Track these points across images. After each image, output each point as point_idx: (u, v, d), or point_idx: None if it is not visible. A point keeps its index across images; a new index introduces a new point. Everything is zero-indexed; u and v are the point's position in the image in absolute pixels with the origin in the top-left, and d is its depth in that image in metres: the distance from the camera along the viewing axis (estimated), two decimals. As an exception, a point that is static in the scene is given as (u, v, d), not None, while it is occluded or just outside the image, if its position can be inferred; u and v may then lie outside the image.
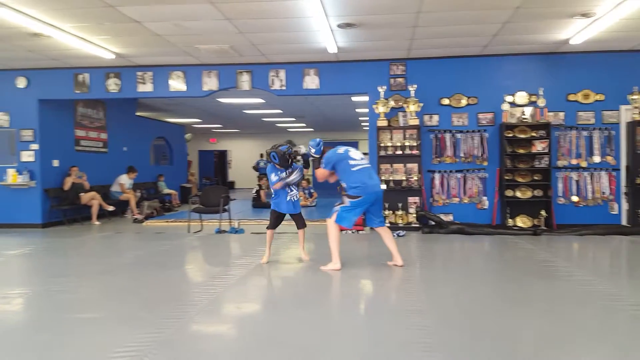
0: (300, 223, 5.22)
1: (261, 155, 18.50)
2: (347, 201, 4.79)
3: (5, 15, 5.48)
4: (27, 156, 8.45)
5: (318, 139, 5.02)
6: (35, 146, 8.44)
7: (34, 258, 5.97)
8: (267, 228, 5.21)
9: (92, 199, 9.07)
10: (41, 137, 8.47)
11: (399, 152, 7.57)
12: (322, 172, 4.91)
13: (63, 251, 6.47)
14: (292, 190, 5.12)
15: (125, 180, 10.02)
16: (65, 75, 8.31)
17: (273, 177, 5.03)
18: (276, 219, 5.17)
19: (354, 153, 4.88)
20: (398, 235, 6.84)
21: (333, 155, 4.84)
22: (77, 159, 9.29)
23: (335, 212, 4.82)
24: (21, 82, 8.38)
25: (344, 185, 4.87)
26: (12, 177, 8.33)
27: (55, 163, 8.83)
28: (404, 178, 7.60)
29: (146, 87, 8.20)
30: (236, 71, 7.99)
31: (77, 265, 5.42)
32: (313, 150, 4.98)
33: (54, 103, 8.69)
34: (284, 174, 5.02)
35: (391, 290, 4.33)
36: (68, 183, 8.80)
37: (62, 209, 8.69)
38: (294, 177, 5.03)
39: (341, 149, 4.90)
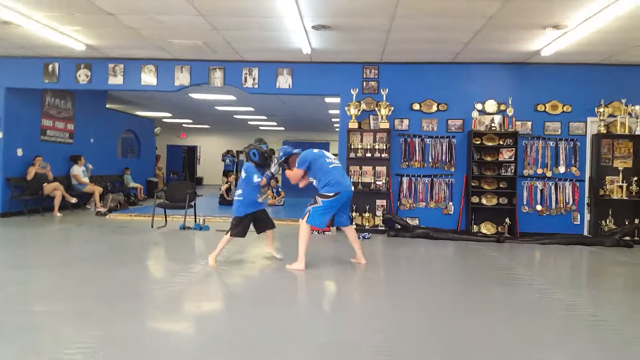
0: (269, 223, 5.08)
1: (227, 152, 18.34)
2: (319, 201, 4.78)
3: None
4: (-10, 144, 8.19)
5: (286, 147, 5.16)
6: (-1, 134, 8.19)
7: (-10, 249, 5.78)
8: (231, 235, 4.84)
9: (55, 190, 8.85)
10: (5, 125, 8.23)
11: (369, 154, 7.64)
12: (296, 172, 4.93)
13: (20, 242, 6.28)
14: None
15: (77, 170, 9.79)
16: (35, 65, 8.11)
17: (256, 178, 4.79)
18: (244, 225, 4.86)
19: (328, 153, 5.04)
20: (364, 238, 6.89)
21: (309, 155, 4.93)
22: (42, 149, 9.06)
23: (307, 212, 4.82)
24: (-12, 70, 8.14)
25: (315, 184, 4.91)
26: (-28, 165, 8.06)
27: (19, 152, 8.59)
28: (372, 181, 7.67)
29: (117, 80, 8.05)
30: (209, 67, 7.93)
31: (33, 257, 5.27)
32: (280, 154, 5.04)
33: (21, 92, 8.46)
34: (268, 172, 4.95)
35: (353, 292, 4.36)
36: (31, 173, 8.57)
37: (24, 199, 8.44)
38: (275, 168, 5.01)
39: (315, 150, 5.04)
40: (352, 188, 5.01)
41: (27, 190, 8.53)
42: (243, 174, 4.90)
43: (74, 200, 9.20)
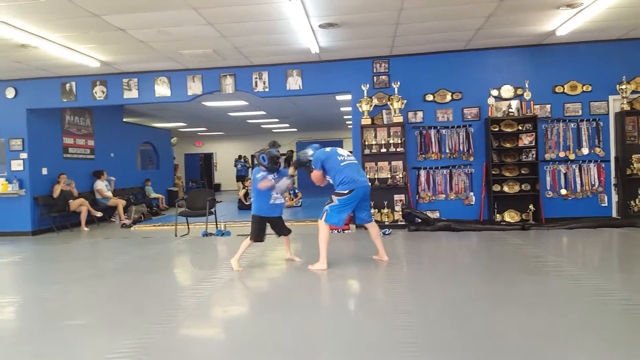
0: (284, 229, 5.10)
1: (239, 157, 18.44)
2: (335, 200, 4.80)
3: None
4: (17, 165, 8.45)
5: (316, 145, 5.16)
6: (24, 155, 8.45)
7: (25, 265, 5.96)
8: (250, 239, 4.94)
9: (81, 206, 9.06)
10: (30, 146, 8.48)
11: (384, 150, 7.60)
12: (314, 174, 4.96)
13: (53, 258, 6.46)
14: (277, 194, 4.99)
15: (100, 185, 10.00)
16: (53, 85, 8.32)
17: (258, 176, 4.87)
18: (260, 228, 4.91)
19: (341, 150, 5.02)
20: (384, 234, 6.85)
21: (321, 154, 4.94)
22: (65, 167, 9.28)
23: (325, 211, 4.84)
24: (10, 93, 8.43)
25: (331, 182, 4.91)
26: (2, 186, 8.34)
27: (44, 171, 8.83)
28: (389, 176, 7.63)
29: (132, 94, 8.19)
30: (220, 75, 8.00)
31: (66, 272, 5.41)
32: (310, 153, 5.00)
33: (41, 112, 8.69)
34: (270, 176, 4.90)
35: (378, 290, 4.34)
36: (57, 190, 8.79)
37: (52, 217, 8.66)
38: (283, 183, 4.91)
39: (328, 148, 5.04)
40: (369, 183, 4.97)
41: (54, 208, 8.76)
42: (257, 175, 4.95)
43: (99, 214, 9.42)
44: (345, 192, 4.75)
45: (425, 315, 3.38)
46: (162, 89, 8.14)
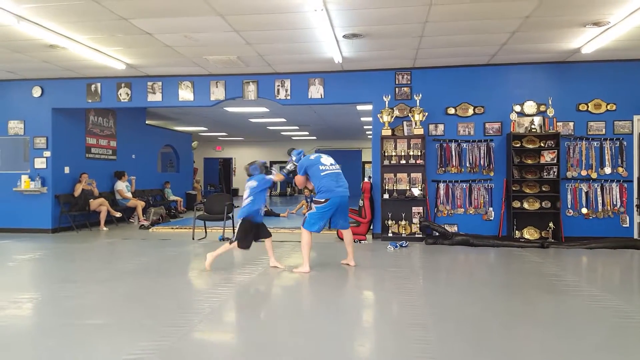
0: (266, 232, 5.36)
1: (252, 163, 18.45)
2: (313, 207, 5.14)
3: (25, 28, 5.65)
4: (40, 163, 8.62)
5: (299, 150, 5.59)
6: (47, 153, 8.61)
7: (44, 263, 6.06)
8: (237, 245, 5.13)
9: (101, 205, 9.20)
10: (53, 144, 8.65)
11: (403, 161, 7.57)
12: (298, 178, 5.36)
13: (72, 257, 6.56)
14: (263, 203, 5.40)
15: (120, 185, 10.13)
16: (78, 85, 8.49)
17: (268, 177, 5.34)
18: (249, 232, 5.16)
19: (325, 159, 5.27)
20: (401, 246, 6.82)
21: (305, 161, 5.28)
22: (87, 166, 9.45)
23: (304, 218, 5.21)
24: (36, 92, 8.61)
25: (313, 189, 5.29)
26: (25, 183, 8.50)
27: (67, 170, 8.99)
28: (407, 188, 7.59)
29: (156, 97, 8.32)
30: (243, 81, 8.09)
31: (84, 271, 5.49)
32: (294, 159, 5.44)
33: (66, 112, 8.87)
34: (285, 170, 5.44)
35: (394, 303, 4.31)
36: (78, 189, 8.94)
37: (72, 215, 8.80)
38: (290, 166, 5.44)
39: (313, 156, 5.34)
40: (347, 193, 5.20)
41: (75, 207, 8.91)
42: (254, 183, 5.26)
43: (118, 214, 9.55)
44: (322, 200, 5.06)
45: (442, 330, 3.34)
46: (185, 94, 8.26)
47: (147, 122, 12.26)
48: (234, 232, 7.75)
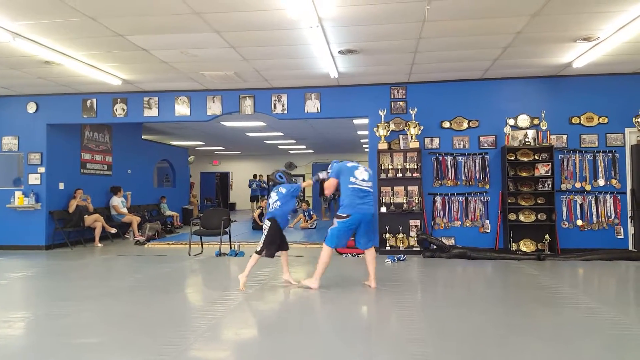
0: (285, 244, 5.21)
1: (254, 177, 18.37)
2: (335, 222, 4.90)
3: (20, 45, 5.67)
4: (34, 179, 8.57)
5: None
6: (42, 169, 8.58)
7: (37, 281, 5.99)
8: (266, 254, 4.99)
9: (96, 221, 9.14)
10: (48, 160, 8.61)
11: (400, 174, 7.60)
12: (330, 182, 5.01)
13: (65, 274, 6.49)
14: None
15: (116, 201, 10.09)
16: (74, 101, 8.50)
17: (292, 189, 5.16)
18: (277, 235, 4.99)
19: (359, 172, 4.92)
20: (399, 259, 6.81)
21: (341, 166, 5.00)
22: (82, 182, 9.41)
23: (327, 233, 4.96)
24: (31, 107, 8.60)
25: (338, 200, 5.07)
26: (19, 199, 8.44)
27: (61, 186, 8.95)
28: (404, 201, 7.61)
29: (152, 112, 8.34)
30: (239, 96, 8.13)
31: (78, 289, 5.43)
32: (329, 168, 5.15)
33: (61, 127, 8.86)
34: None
35: (392, 317, 4.29)
36: (73, 205, 8.89)
37: (66, 231, 8.74)
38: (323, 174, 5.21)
39: (350, 164, 5.03)
40: (372, 210, 4.94)
41: (69, 223, 8.84)
42: (283, 190, 5.08)
43: (113, 230, 9.48)
44: (344, 215, 4.83)
45: (441, 345, 3.32)
46: (182, 109, 8.28)
47: (143, 137, 12.26)
48: (230, 247, 7.76)
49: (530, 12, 4.97)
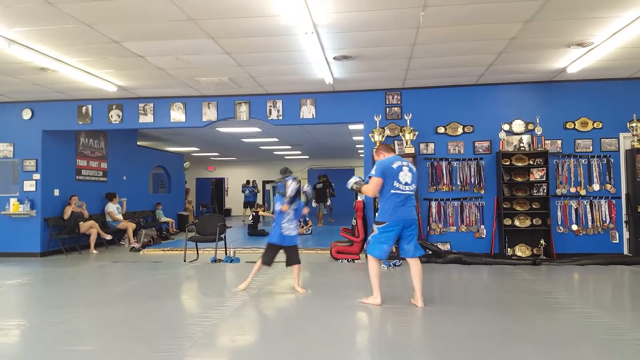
0: (293, 259, 5.18)
1: (247, 183, 18.32)
2: (375, 228, 4.55)
3: (15, 52, 5.67)
4: (29, 186, 8.54)
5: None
6: (37, 176, 8.55)
7: (32, 288, 5.95)
8: (262, 262, 5.18)
9: (91, 228, 9.11)
10: (43, 167, 8.59)
11: (396, 180, 7.59)
12: (373, 182, 4.46)
13: (60, 281, 6.45)
14: (286, 221, 5.13)
15: (111, 207, 10.06)
16: (69, 107, 8.49)
17: (277, 206, 5.20)
18: (271, 253, 5.17)
19: (403, 176, 4.44)
20: (394, 265, 6.81)
21: (386, 165, 4.47)
22: (78, 188, 9.38)
23: (368, 241, 4.65)
24: (26, 114, 8.58)
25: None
26: (14, 206, 8.41)
27: (56, 192, 8.92)
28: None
29: (147, 118, 8.34)
30: (235, 102, 8.14)
31: (73, 296, 5.39)
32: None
33: (57, 134, 8.84)
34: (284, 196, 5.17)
35: (386, 323, 4.28)
36: (68, 212, 8.85)
37: (61, 238, 8.70)
38: (290, 189, 5.11)
39: (395, 164, 4.48)
40: (413, 215, 4.50)
41: (64, 229, 8.81)
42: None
43: (108, 237, 9.46)
44: (381, 221, 4.47)
45: (434, 351, 3.32)
46: (177, 115, 8.28)
47: (138, 143, 12.24)
48: (226, 253, 7.74)
49: (524, 19, 5.01)
